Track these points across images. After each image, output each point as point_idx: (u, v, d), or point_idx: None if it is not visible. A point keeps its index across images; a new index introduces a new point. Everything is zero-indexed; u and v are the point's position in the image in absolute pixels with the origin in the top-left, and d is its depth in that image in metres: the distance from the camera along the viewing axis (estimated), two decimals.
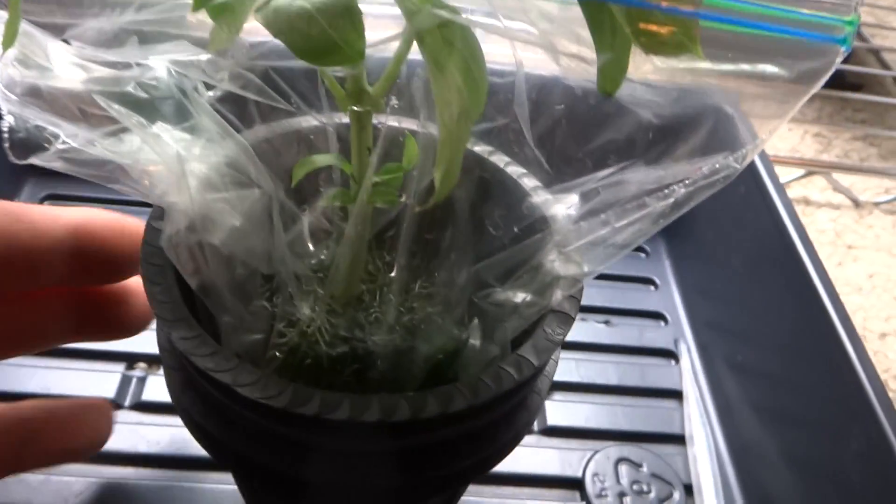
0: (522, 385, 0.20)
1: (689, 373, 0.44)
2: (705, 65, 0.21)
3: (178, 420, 0.35)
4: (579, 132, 0.25)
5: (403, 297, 0.26)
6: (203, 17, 0.22)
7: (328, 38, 0.17)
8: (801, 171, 0.64)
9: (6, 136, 0.19)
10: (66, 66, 0.21)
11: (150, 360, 0.37)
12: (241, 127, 0.24)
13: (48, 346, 0.28)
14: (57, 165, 0.19)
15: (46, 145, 0.19)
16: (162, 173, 0.21)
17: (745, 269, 0.44)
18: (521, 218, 0.26)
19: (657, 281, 0.50)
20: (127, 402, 0.36)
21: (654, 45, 0.19)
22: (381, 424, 0.18)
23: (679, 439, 0.40)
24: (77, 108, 0.21)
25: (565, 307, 0.22)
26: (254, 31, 0.23)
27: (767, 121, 0.23)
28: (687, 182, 0.23)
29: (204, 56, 0.22)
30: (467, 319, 0.26)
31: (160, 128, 0.22)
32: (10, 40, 0.19)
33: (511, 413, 0.23)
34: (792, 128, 0.80)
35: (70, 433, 0.28)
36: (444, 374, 0.25)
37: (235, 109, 0.24)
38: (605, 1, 0.17)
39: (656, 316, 0.48)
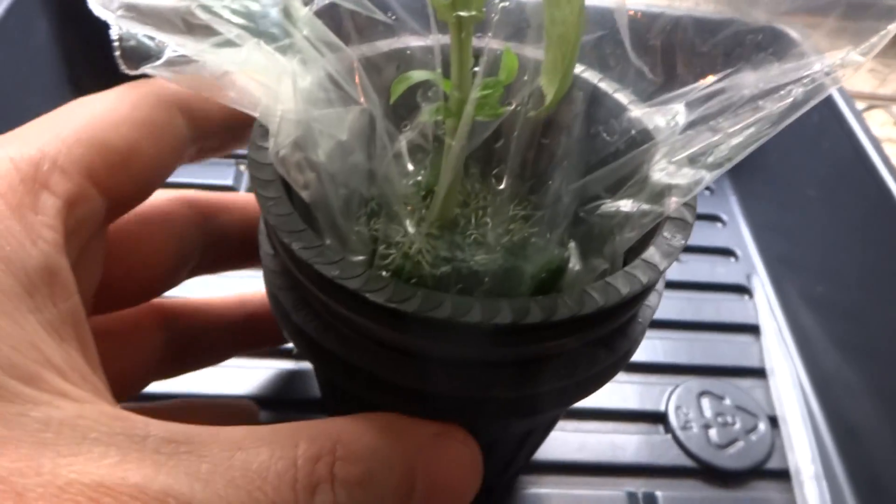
0: (647, 289, 0.20)
1: (765, 307, 0.43)
2: None
3: (266, 363, 0.35)
4: (682, 40, 0.24)
5: (501, 219, 0.26)
6: None
7: None
8: (862, 105, 0.63)
9: (116, 44, 0.18)
10: None
11: None
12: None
13: (220, 359, 0.32)
14: (166, 75, 0.19)
15: (156, 55, 0.19)
16: (270, 83, 0.20)
17: (822, 201, 0.43)
18: (623, 132, 0.25)
19: (724, 218, 0.49)
20: None
21: None
22: (512, 328, 0.18)
23: (759, 373, 0.40)
24: (181, 20, 0.20)
25: (682, 214, 0.22)
26: None
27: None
28: (805, 80, 0.22)
29: None
30: (567, 238, 0.25)
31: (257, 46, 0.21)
32: None
33: (627, 324, 0.22)
34: None
35: None
36: (548, 292, 0.24)
37: (330, 25, 0.24)
38: None
39: (726, 252, 0.47)
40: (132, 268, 0.26)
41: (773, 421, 0.37)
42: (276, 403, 0.35)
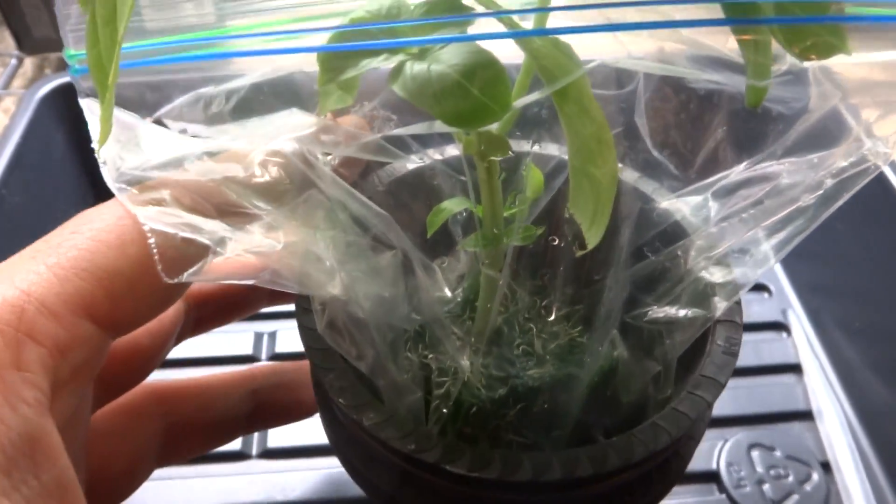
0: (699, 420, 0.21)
1: (804, 343, 0.44)
2: (851, 59, 0.21)
3: (309, 462, 0.36)
4: (703, 131, 0.25)
5: (543, 324, 0.26)
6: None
7: (478, 102, 0.17)
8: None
9: (156, 255, 0.19)
10: (169, 151, 0.21)
11: None
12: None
13: (227, 439, 0.30)
14: (210, 277, 0.19)
15: (198, 260, 0.19)
16: (310, 270, 0.21)
17: (851, 234, 0.44)
18: (652, 225, 0.26)
19: None
20: (254, 452, 0.37)
21: (807, 52, 0.19)
22: (563, 482, 0.19)
23: (806, 415, 0.41)
24: (210, 204, 0.21)
25: (731, 314, 0.23)
26: None
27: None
28: (833, 172, 0.22)
29: (315, 122, 0.22)
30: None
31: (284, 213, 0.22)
32: (105, 134, 0.19)
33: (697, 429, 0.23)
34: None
35: (298, 391, 0.30)
36: (603, 393, 0.25)
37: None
38: (764, 23, 0.17)
39: (759, 288, 0.47)
40: (123, 353, 0.25)
41: (826, 466, 0.38)
42: None
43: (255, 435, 0.37)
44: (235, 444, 0.37)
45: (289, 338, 0.43)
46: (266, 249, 0.19)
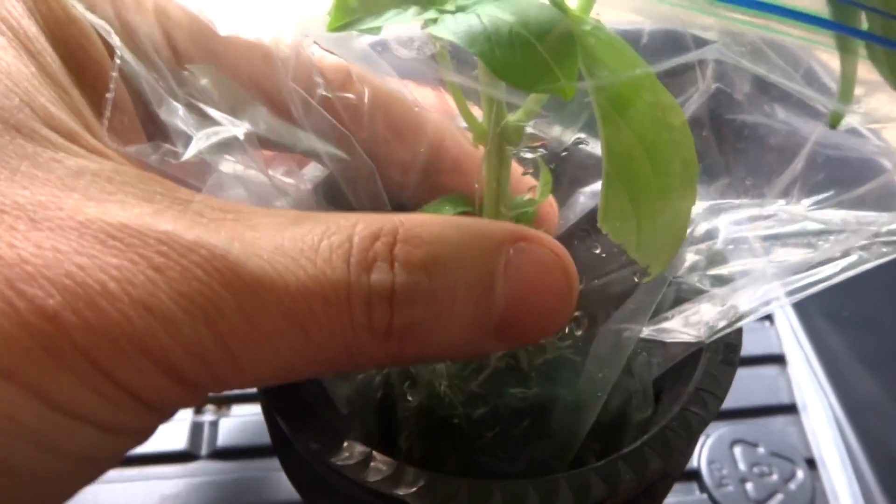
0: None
1: (788, 332, 0.43)
2: None
3: (265, 464, 0.34)
4: (740, 155, 0.23)
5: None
6: None
7: (543, 61, 0.15)
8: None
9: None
10: None
11: (219, 402, 0.36)
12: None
13: None
14: None
15: None
16: None
17: None
18: None
19: None
20: (203, 452, 0.34)
21: None
22: None
23: (790, 409, 0.40)
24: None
25: (724, 348, 0.21)
26: None
27: None
28: (868, 235, 0.21)
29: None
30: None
31: None
32: None
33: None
34: None
35: None
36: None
37: None
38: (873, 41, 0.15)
39: None
40: None
41: (812, 463, 0.37)
42: None
43: (205, 433, 0.35)
44: (181, 443, 0.34)
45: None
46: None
